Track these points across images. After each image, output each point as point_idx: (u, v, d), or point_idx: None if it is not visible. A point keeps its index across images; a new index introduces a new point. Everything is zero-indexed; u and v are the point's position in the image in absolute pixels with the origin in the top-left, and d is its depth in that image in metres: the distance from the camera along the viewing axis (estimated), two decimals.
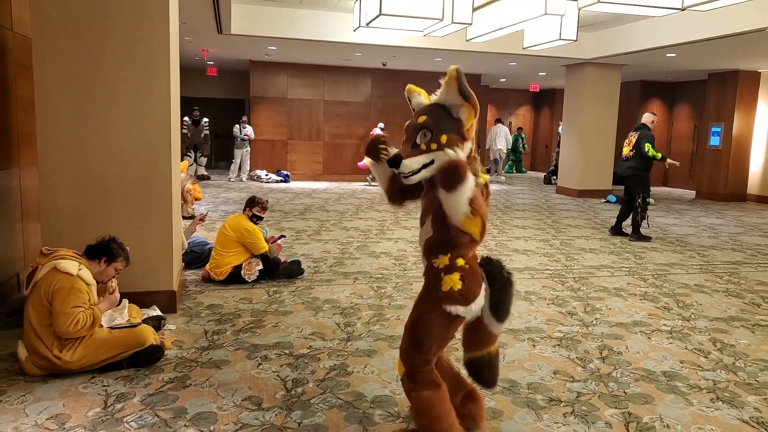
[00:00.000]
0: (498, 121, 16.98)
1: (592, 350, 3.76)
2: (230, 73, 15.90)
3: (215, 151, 16.11)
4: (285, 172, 14.26)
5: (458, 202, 2.20)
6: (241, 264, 5.02)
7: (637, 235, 7.63)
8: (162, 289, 4.19)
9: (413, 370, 2.42)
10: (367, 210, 9.79)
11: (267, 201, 5.31)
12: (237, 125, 13.69)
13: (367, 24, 6.80)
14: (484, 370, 2.57)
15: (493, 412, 2.90)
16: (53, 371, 3.14)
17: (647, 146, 7.42)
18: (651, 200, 9.07)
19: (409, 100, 2.61)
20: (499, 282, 2.44)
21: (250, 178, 14.08)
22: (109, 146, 3.98)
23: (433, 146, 2.29)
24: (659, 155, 7.50)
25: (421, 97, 2.57)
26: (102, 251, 3.36)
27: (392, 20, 6.57)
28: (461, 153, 2.28)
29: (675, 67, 12.35)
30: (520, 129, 18.52)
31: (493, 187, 14.43)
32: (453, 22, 6.81)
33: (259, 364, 3.40)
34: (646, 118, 7.84)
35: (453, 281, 2.34)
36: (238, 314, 4.27)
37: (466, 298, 2.35)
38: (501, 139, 16.12)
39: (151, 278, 4.12)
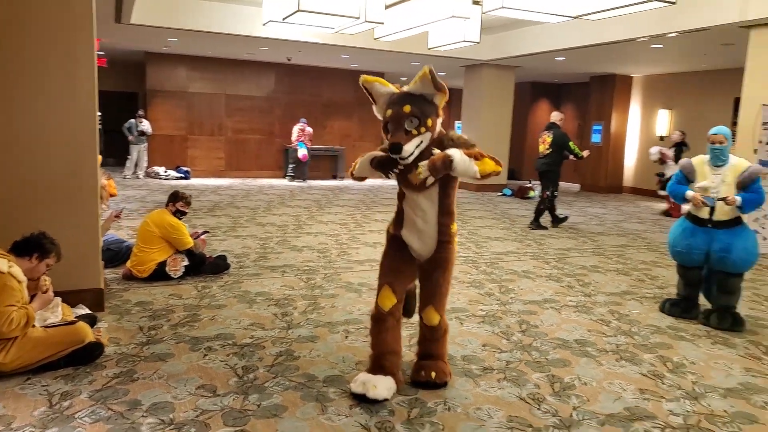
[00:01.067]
0: None
1: (512, 325, 4.15)
2: (122, 64, 15.09)
3: (104, 146, 15.23)
4: (185, 169, 13.83)
5: (465, 170, 2.79)
6: (166, 260, 4.94)
7: (536, 224, 8.30)
8: (89, 287, 4.06)
9: (444, 313, 3.13)
10: (279, 206, 9.80)
11: (191, 196, 5.25)
12: (132, 120, 13.09)
13: (284, 19, 6.87)
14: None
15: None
16: None
17: (572, 144, 8.18)
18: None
19: (368, 90, 3.03)
20: None
21: (148, 174, 13.52)
22: (34, 139, 3.81)
23: (422, 130, 2.86)
24: (580, 153, 8.26)
25: (385, 87, 2.99)
26: (32, 247, 3.25)
27: (309, 17, 6.69)
28: (438, 126, 2.96)
29: (562, 70, 13.42)
30: None
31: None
32: (366, 21, 7.03)
33: (205, 355, 3.44)
34: (555, 116, 8.49)
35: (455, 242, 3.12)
36: (170, 310, 4.24)
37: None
38: None
39: (78, 276, 3.99)
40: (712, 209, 4.28)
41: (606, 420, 2.83)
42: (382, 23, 7.25)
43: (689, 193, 4.36)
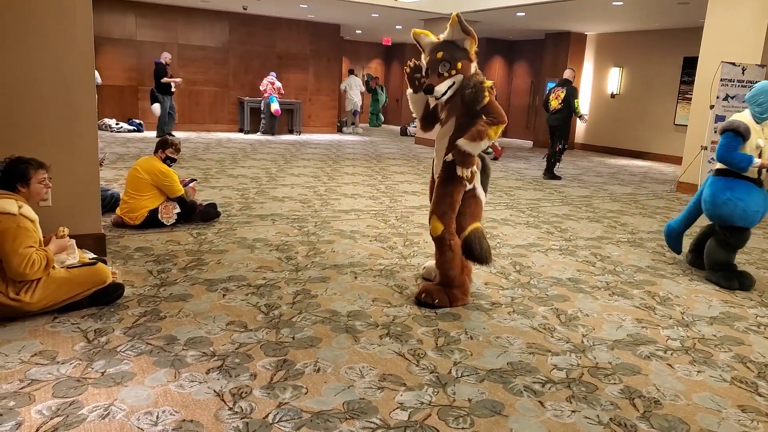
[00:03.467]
0: (351, 72, 17.34)
1: (506, 266, 4.39)
2: None
3: None
4: (137, 121, 13.31)
5: (477, 150, 3.31)
6: (158, 207, 4.87)
7: (550, 174, 8.86)
8: (90, 232, 3.99)
9: (450, 227, 3.43)
10: (244, 159, 9.66)
11: (180, 142, 5.15)
12: None
13: None
14: (474, 245, 3.43)
15: (453, 316, 3.36)
16: (8, 315, 2.96)
17: (576, 102, 8.69)
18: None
19: (418, 42, 3.49)
20: (485, 167, 3.64)
21: (98, 127, 12.90)
22: (31, 80, 3.64)
23: (453, 72, 3.30)
24: (579, 111, 8.68)
25: (430, 38, 3.45)
26: (11, 180, 3.07)
27: None
28: (473, 68, 3.36)
29: (520, 26, 13.61)
30: (376, 78, 18.90)
31: (354, 138, 14.89)
32: None
33: (224, 295, 3.49)
34: (568, 73, 8.94)
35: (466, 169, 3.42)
36: (173, 255, 4.23)
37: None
38: (356, 90, 16.55)
39: (78, 221, 3.90)
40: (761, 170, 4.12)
41: (614, 345, 3.10)
42: None
43: (759, 161, 4.06)
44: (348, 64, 19.37)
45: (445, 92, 3.32)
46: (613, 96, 13.95)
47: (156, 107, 11.89)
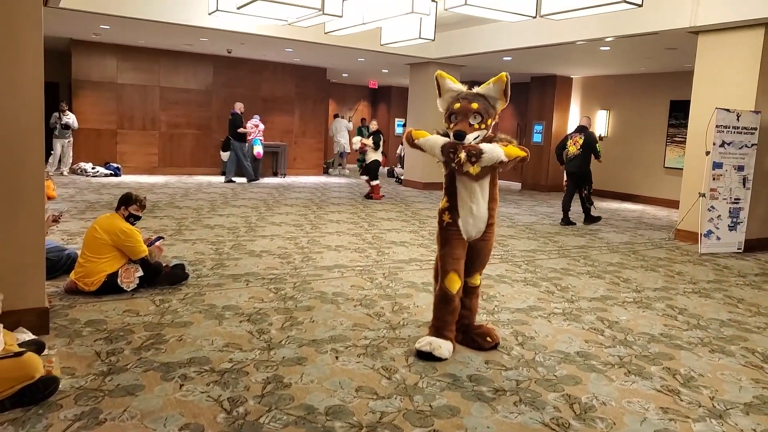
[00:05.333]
0: (336, 116, 17.13)
1: (508, 337, 3.91)
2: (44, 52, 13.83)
3: None
4: (115, 165, 12.86)
5: (492, 155, 3.35)
6: (117, 271, 4.38)
7: (590, 219, 9.12)
8: (31, 306, 3.48)
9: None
10: (224, 206, 9.21)
11: (145, 198, 4.69)
12: (56, 113, 12.00)
13: (238, 8, 6.37)
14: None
15: (450, 409, 2.87)
16: None
17: (598, 146, 8.95)
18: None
19: (439, 83, 3.56)
20: None
21: (73, 171, 12.48)
22: None
23: (482, 126, 3.42)
24: (600, 154, 9.04)
25: (456, 84, 3.55)
26: None
27: (268, 7, 6.22)
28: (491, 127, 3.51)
29: (507, 69, 13.45)
30: (363, 120, 18.66)
31: (340, 180, 14.52)
32: (324, 13, 6.62)
33: (182, 386, 2.98)
34: (586, 121, 9.33)
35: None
36: (129, 329, 3.71)
37: None
38: (343, 132, 16.32)
39: (17, 294, 3.40)
40: None
41: None
42: (341, 16, 6.88)
43: None
44: (334, 106, 19.18)
45: (471, 143, 3.38)
46: (601, 138, 13.70)
47: (226, 155, 12.84)
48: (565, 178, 9.45)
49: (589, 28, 8.53)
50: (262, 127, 13.39)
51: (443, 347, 3.44)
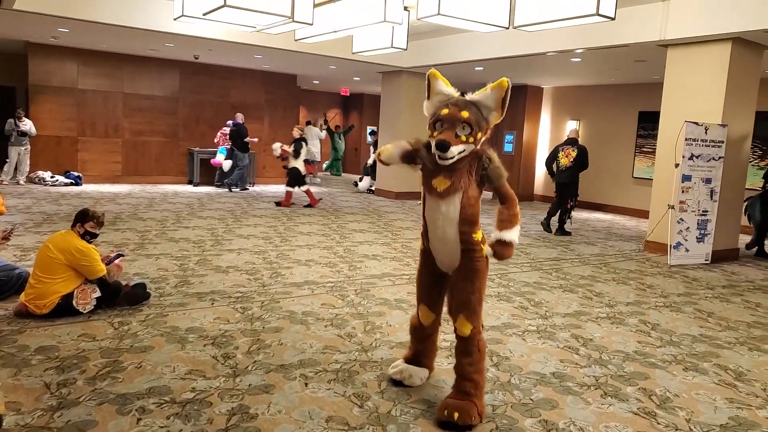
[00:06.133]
0: (308, 123, 16.94)
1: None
2: None
3: None
4: (76, 174, 12.43)
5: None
6: (73, 292, 4.14)
7: (562, 231, 9.18)
8: None
9: (479, 326, 3.01)
10: (190, 217, 8.94)
11: (103, 214, 4.46)
12: (11, 119, 11.55)
13: (204, 14, 6.17)
14: None
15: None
16: None
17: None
18: None
19: (430, 84, 3.01)
20: None
21: (30, 180, 12.01)
22: None
23: (471, 140, 2.86)
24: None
25: (447, 87, 2.99)
26: None
27: (235, 13, 6.04)
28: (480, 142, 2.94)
29: (478, 79, 13.50)
30: (338, 127, 18.48)
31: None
32: (294, 21, 6.48)
33: (139, 420, 2.79)
34: (575, 133, 9.49)
35: (485, 249, 3.01)
36: (83, 357, 3.49)
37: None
38: (315, 140, 16.14)
39: None
40: None
41: None
42: (311, 24, 6.74)
43: None
44: (305, 113, 18.98)
45: (453, 157, 2.85)
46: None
47: (228, 163, 12.72)
48: (554, 190, 9.49)
49: (561, 39, 8.57)
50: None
51: (414, 376, 3.28)
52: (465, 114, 2.84)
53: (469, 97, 2.92)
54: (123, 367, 3.39)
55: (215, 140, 13.28)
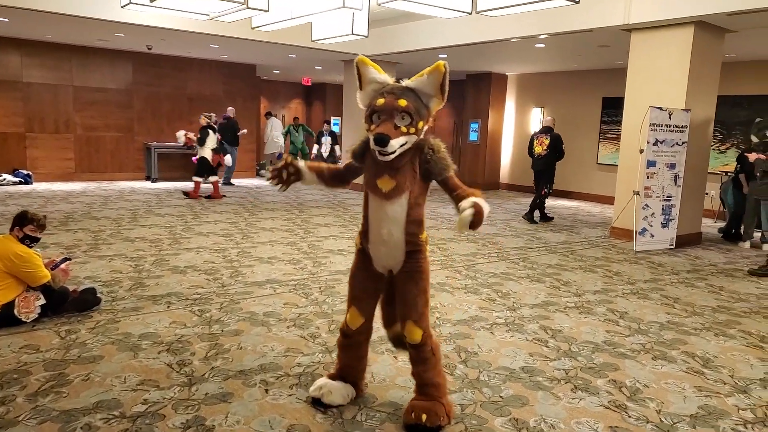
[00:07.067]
0: (269, 114, 16.56)
1: (450, 354, 3.71)
2: None
3: None
4: (25, 172, 11.90)
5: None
6: (14, 300, 3.86)
7: (530, 217, 9.32)
8: None
9: (428, 329, 2.80)
10: (147, 215, 8.61)
11: (44, 217, 4.18)
12: None
13: (152, 1, 5.87)
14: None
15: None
16: None
17: (563, 147, 9.12)
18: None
19: (359, 72, 2.77)
20: None
21: None
22: None
23: (412, 130, 2.62)
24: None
25: (380, 74, 2.74)
26: None
27: (186, 0, 5.77)
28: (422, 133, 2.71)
29: None
30: (296, 119, 18.07)
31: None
32: (248, 8, 6.24)
33: None
34: (550, 121, 9.39)
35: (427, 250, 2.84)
36: (25, 371, 3.25)
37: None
38: (278, 132, 15.82)
39: None
40: None
41: None
42: (267, 10, 6.51)
43: None
44: (267, 104, 18.58)
45: (395, 152, 2.59)
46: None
47: (229, 158, 12.15)
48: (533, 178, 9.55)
49: (525, 25, 8.49)
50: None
51: (335, 393, 2.91)
52: (403, 102, 2.58)
53: (405, 83, 2.67)
54: (69, 380, 3.16)
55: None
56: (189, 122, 13.90)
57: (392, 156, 2.60)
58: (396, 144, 2.57)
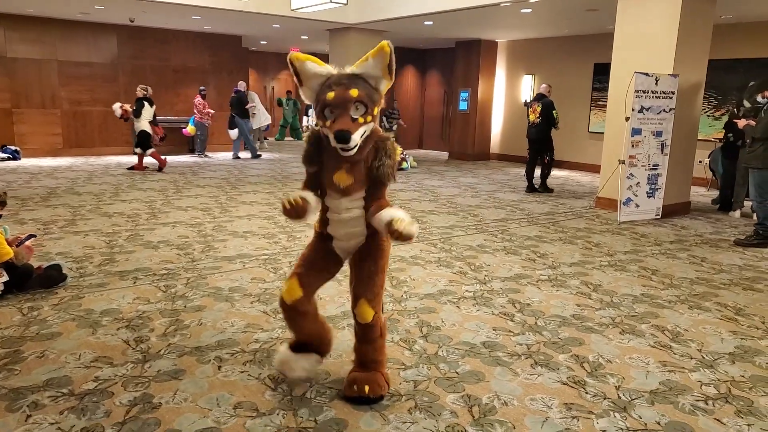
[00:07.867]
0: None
1: (411, 329, 3.67)
2: None
3: None
4: (13, 148, 11.83)
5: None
6: None
7: (544, 187, 9.25)
8: None
9: (380, 311, 2.76)
10: (129, 189, 8.55)
11: (5, 193, 4.11)
12: None
13: None
14: None
15: (337, 424, 2.59)
16: None
17: (555, 114, 9.03)
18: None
19: (296, 69, 2.61)
20: None
21: None
22: None
23: (369, 119, 2.55)
24: (558, 122, 9.16)
25: (320, 66, 2.60)
26: None
27: None
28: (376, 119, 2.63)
29: (429, 34, 13.13)
30: (289, 93, 17.90)
31: (266, 155, 13.92)
32: None
33: (29, 416, 2.56)
34: (544, 89, 9.30)
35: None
36: None
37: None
38: (258, 103, 15.59)
39: None
40: None
41: None
42: None
43: None
44: (255, 76, 18.32)
45: (357, 144, 2.51)
46: (526, 104, 13.71)
47: (234, 132, 12.74)
48: (527, 146, 9.43)
49: None
50: (196, 101, 12.61)
51: (296, 366, 2.84)
52: (355, 92, 2.49)
53: (350, 70, 2.58)
54: (23, 357, 3.14)
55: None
56: (176, 94, 13.75)
57: (355, 150, 2.53)
58: (357, 137, 2.50)
